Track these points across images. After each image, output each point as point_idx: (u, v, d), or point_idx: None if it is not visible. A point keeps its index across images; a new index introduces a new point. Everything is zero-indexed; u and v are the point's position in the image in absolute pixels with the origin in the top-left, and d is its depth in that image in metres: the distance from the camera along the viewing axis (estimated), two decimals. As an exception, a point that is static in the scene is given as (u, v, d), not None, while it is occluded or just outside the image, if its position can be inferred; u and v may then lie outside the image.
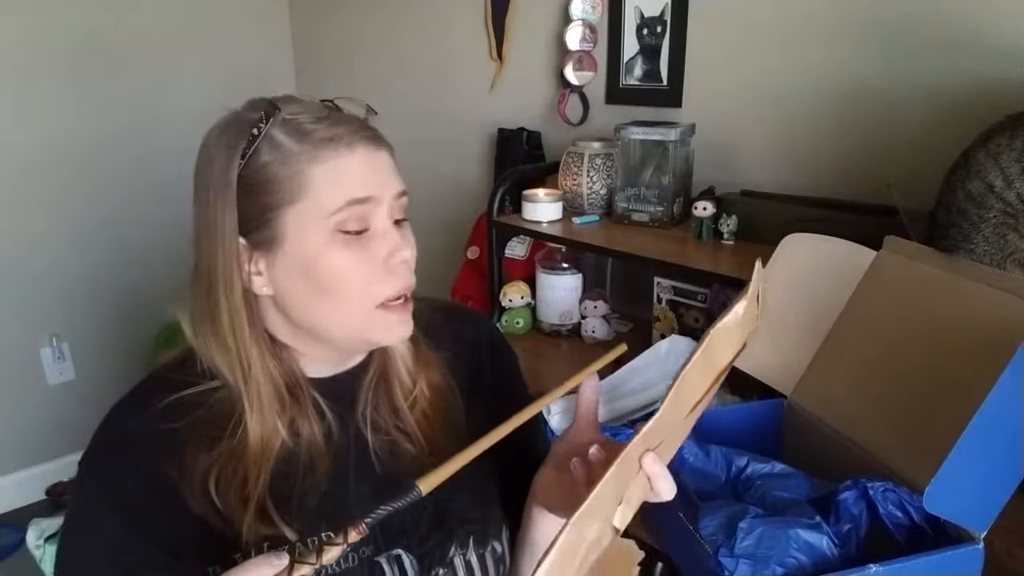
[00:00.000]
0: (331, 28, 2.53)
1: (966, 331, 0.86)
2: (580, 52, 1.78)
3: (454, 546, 0.73)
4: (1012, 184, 0.93)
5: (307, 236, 0.65)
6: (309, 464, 0.69)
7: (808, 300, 1.07)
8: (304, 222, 0.65)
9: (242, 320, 0.67)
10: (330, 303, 0.66)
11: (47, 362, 2.41)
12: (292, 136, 0.65)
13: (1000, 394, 0.76)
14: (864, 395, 0.95)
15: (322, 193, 0.64)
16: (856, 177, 1.41)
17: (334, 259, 0.65)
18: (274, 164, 0.64)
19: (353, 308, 0.67)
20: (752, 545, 0.78)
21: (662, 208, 1.53)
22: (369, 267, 0.66)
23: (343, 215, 0.65)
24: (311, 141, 0.65)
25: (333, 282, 0.66)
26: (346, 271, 0.65)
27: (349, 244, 0.66)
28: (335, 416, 0.71)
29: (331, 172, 0.65)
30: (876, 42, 1.36)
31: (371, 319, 0.67)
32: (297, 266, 0.65)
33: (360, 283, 0.66)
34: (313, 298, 0.66)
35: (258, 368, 0.67)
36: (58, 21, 2.24)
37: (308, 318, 0.68)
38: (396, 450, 0.73)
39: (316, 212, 0.64)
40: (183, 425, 0.67)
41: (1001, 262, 0.95)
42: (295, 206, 0.64)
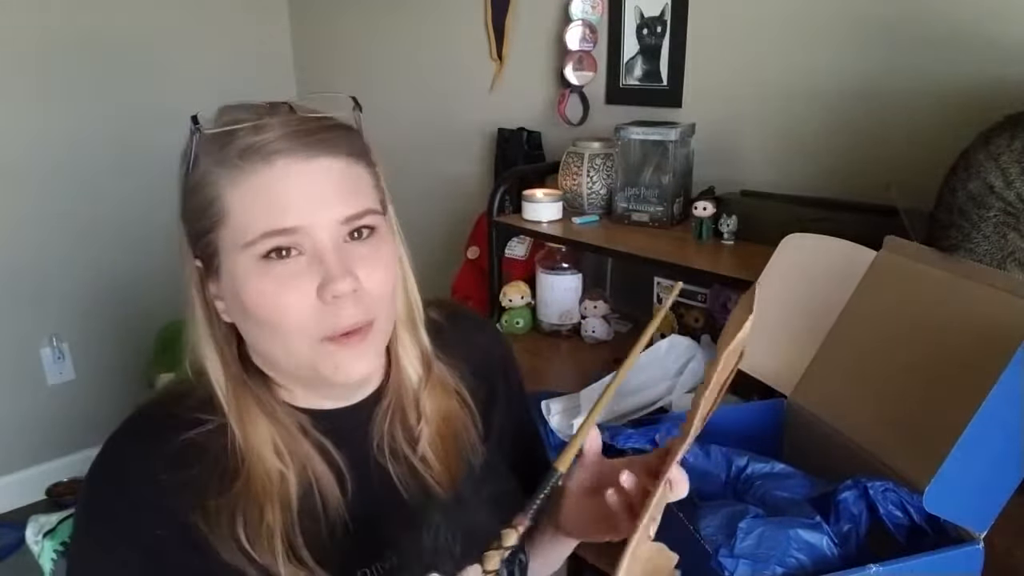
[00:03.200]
0: (331, 28, 2.53)
1: (966, 331, 0.86)
2: (580, 52, 1.78)
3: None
4: (1012, 184, 0.93)
5: (233, 264, 0.58)
6: (326, 504, 0.64)
7: (808, 300, 1.07)
8: (228, 250, 0.59)
9: (212, 350, 0.62)
10: (268, 334, 0.59)
11: (47, 362, 2.41)
12: (215, 152, 0.58)
13: (1000, 394, 0.76)
14: (864, 395, 0.95)
15: (237, 221, 0.57)
16: (856, 177, 1.41)
17: (259, 289, 0.57)
18: (203, 184, 0.59)
19: (291, 341, 0.59)
20: (752, 545, 0.78)
21: (662, 208, 1.53)
22: (301, 298, 0.58)
23: (260, 247, 0.57)
24: (228, 157, 0.57)
25: (264, 313, 0.58)
26: (274, 303, 0.57)
27: (276, 274, 0.57)
28: (347, 450, 0.66)
29: (247, 196, 0.57)
30: (876, 42, 1.36)
31: (317, 353, 0.59)
32: (232, 295, 0.60)
33: (294, 314, 0.58)
34: (252, 328, 0.60)
35: (241, 401, 0.62)
36: (58, 21, 2.24)
37: (260, 348, 0.62)
38: (417, 475, 0.69)
39: (234, 241, 0.58)
40: (200, 470, 0.61)
41: (1001, 262, 0.96)
42: (221, 232, 0.59)
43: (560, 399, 1.24)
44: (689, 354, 1.31)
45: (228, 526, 0.60)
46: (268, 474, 0.61)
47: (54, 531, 0.81)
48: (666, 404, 1.22)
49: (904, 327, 0.94)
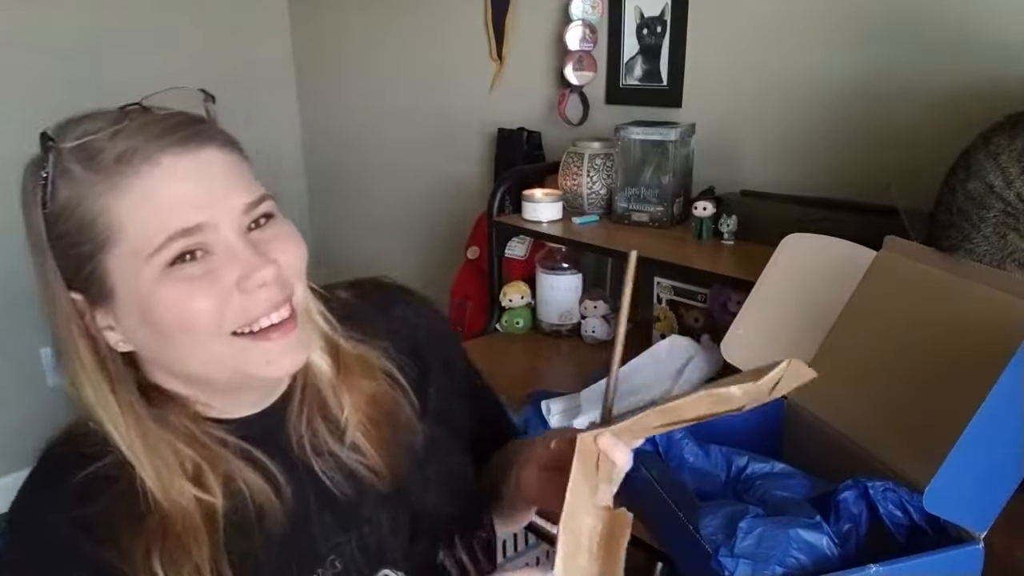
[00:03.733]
0: (331, 28, 2.53)
1: (966, 331, 0.86)
2: (580, 52, 1.78)
3: (441, 548, 0.69)
4: (1012, 184, 0.93)
5: (135, 281, 0.54)
6: (260, 513, 0.61)
7: (808, 300, 1.07)
8: (126, 267, 0.54)
9: (103, 388, 0.58)
10: (186, 346, 0.56)
11: (46, 362, 2.41)
12: (82, 164, 0.53)
13: (1000, 394, 0.76)
14: (864, 395, 0.95)
15: (134, 231, 0.53)
16: (856, 177, 1.41)
17: (172, 298, 0.54)
18: (74, 204, 0.53)
19: (211, 344, 0.56)
20: (752, 545, 0.78)
21: (662, 208, 1.53)
22: (217, 295, 0.55)
23: (167, 252, 0.53)
24: (103, 166, 0.53)
25: (179, 323, 0.55)
26: (190, 308, 0.54)
27: (187, 276, 0.54)
28: (271, 455, 0.63)
29: (136, 203, 0.53)
30: (876, 42, 1.36)
31: (239, 351, 0.57)
32: (136, 313, 0.55)
33: (211, 316, 0.55)
34: (166, 343, 0.56)
35: (141, 436, 0.58)
36: (56, 20, 2.24)
37: (175, 365, 0.59)
38: (351, 470, 0.66)
39: (135, 254, 0.53)
40: (104, 506, 0.58)
41: (1001, 262, 0.96)
42: (111, 251, 0.54)
43: (560, 399, 1.24)
44: (689, 354, 1.31)
45: (143, 561, 0.56)
46: (186, 510, 0.58)
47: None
48: (666, 404, 1.22)
49: (904, 327, 0.94)
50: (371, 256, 2.61)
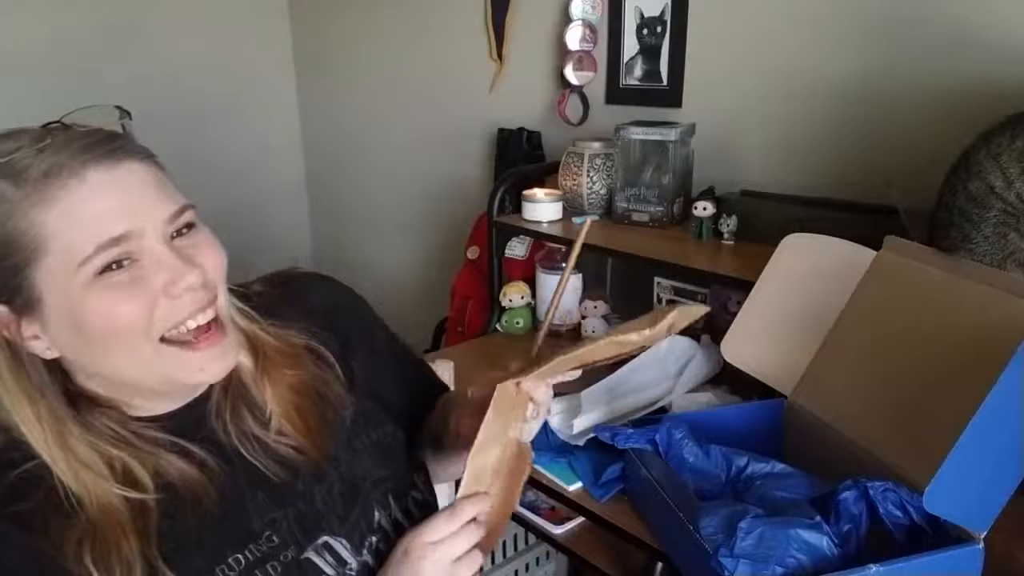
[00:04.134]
0: (331, 28, 2.53)
1: (966, 331, 0.86)
2: (580, 52, 1.78)
3: (377, 510, 0.73)
4: (1012, 184, 0.93)
5: (65, 290, 0.56)
6: (194, 499, 0.64)
7: (808, 300, 1.07)
8: (56, 277, 0.56)
9: (19, 396, 0.59)
10: (115, 352, 0.59)
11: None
12: (8, 181, 0.55)
13: (1000, 394, 0.76)
14: (864, 395, 0.95)
15: (63, 242, 0.55)
16: (856, 177, 1.41)
17: (101, 305, 0.57)
18: (2, 220, 0.55)
19: (140, 350, 0.59)
20: (752, 545, 0.78)
21: (662, 208, 1.53)
22: (145, 300, 0.58)
23: (97, 261, 0.56)
24: (29, 182, 0.55)
25: (108, 329, 0.57)
26: (118, 314, 0.57)
27: (115, 284, 0.57)
28: (200, 443, 0.66)
29: (65, 215, 0.55)
30: (876, 42, 1.36)
31: (170, 358, 0.60)
32: (65, 322, 0.57)
33: (139, 321, 0.58)
34: (95, 349, 0.59)
35: (60, 442, 0.59)
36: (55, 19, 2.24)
37: (104, 370, 0.61)
38: (279, 453, 0.69)
39: (65, 264, 0.56)
40: (34, 503, 0.59)
41: (1002, 262, 0.96)
42: (40, 262, 0.56)
43: (560, 399, 1.24)
44: (689, 354, 1.31)
45: (74, 555, 0.58)
46: (111, 507, 0.59)
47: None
48: (666, 404, 1.22)
49: (904, 327, 0.94)
50: (371, 256, 2.61)
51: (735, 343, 1.13)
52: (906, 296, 0.97)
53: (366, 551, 0.71)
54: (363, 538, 0.71)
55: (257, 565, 0.65)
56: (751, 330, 1.12)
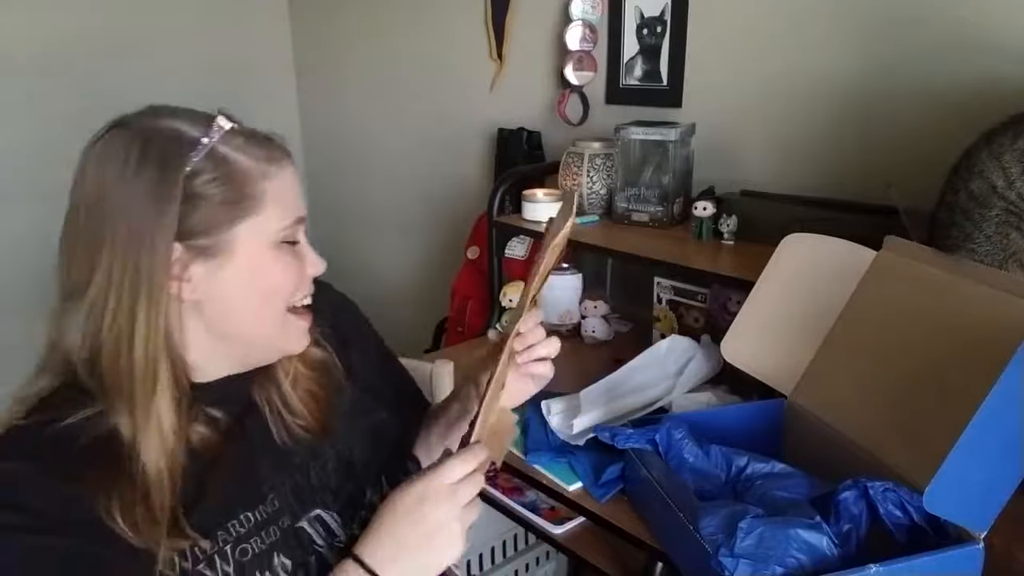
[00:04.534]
0: (331, 27, 2.53)
1: (966, 331, 0.86)
2: (580, 52, 1.78)
3: (368, 489, 0.79)
4: (1014, 184, 0.93)
5: (256, 246, 0.68)
6: (212, 461, 0.69)
7: (808, 300, 1.07)
8: (257, 234, 0.67)
9: (159, 331, 0.64)
10: (256, 307, 0.69)
11: (46, 362, 2.41)
12: (239, 152, 0.67)
13: (1000, 394, 0.76)
14: (864, 395, 0.95)
15: (272, 210, 0.68)
16: (856, 177, 1.41)
17: (274, 269, 0.69)
18: (224, 178, 0.65)
19: (275, 311, 0.71)
20: (752, 545, 0.78)
21: (662, 208, 1.53)
22: (297, 277, 0.72)
23: (287, 232, 0.70)
24: (257, 158, 0.67)
25: (270, 286, 0.70)
26: (280, 280, 0.70)
27: (289, 255, 0.71)
28: (228, 412, 0.73)
29: (278, 189, 0.68)
30: (876, 41, 1.36)
31: (287, 323, 0.72)
32: (245, 273, 0.68)
33: (290, 288, 0.71)
34: (251, 303, 0.69)
35: (164, 381, 0.65)
36: (55, 19, 2.24)
37: (238, 324, 0.70)
38: (291, 428, 0.76)
39: (267, 226, 0.68)
40: (78, 451, 0.63)
41: (1003, 262, 0.96)
42: (249, 219, 0.67)
43: (560, 399, 1.24)
44: (689, 354, 1.31)
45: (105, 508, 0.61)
46: (164, 452, 0.65)
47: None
48: (666, 404, 1.22)
49: (904, 327, 0.94)
50: (371, 256, 2.61)
51: (735, 343, 1.13)
52: (906, 296, 0.96)
53: (356, 526, 0.76)
54: (354, 513, 0.77)
55: (262, 526, 0.71)
56: (751, 330, 1.12)
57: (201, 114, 0.69)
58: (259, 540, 0.70)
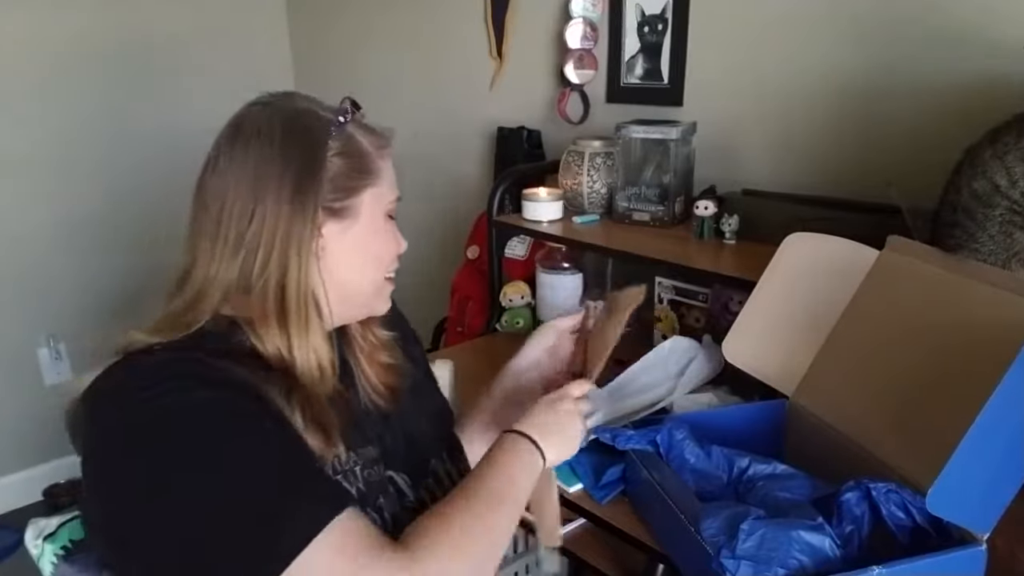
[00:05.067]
0: (330, 27, 2.53)
1: (969, 331, 0.86)
2: (581, 50, 1.78)
3: (432, 458, 0.87)
4: (1017, 183, 0.92)
5: (375, 214, 0.78)
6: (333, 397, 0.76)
7: (810, 300, 1.07)
8: (374, 202, 0.78)
9: (308, 278, 0.73)
10: (361, 269, 0.79)
11: (44, 362, 2.40)
12: (361, 134, 0.78)
13: (1004, 394, 0.76)
14: (866, 395, 0.95)
15: (385, 184, 0.79)
16: (858, 176, 1.41)
17: (385, 237, 0.80)
18: (359, 151, 0.77)
19: (377, 275, 0.80)
20: (754, 546, 0.77)
21: (663, 207, 1.52)
22: (395, 247, 0.82)
23: (392, 206, 0.81)
24: (373, 143, 0.78)
25: (380, 253, 0.80)
26: (388, 247, 0.81)
27: (391, 228, 0.81)
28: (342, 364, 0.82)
29: (387, 169, 0.80)
30: (878, 40, 1.36)
31: (382, 287, 0.82)
32: (363, 236, 0.77)
33: (388, 258, 0.81)
34: (363, 262, 0.79)
35: (315, 321, 0.74)
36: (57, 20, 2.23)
37: (346, 280, 0.77)
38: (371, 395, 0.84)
39: (382, 198, 0.79)
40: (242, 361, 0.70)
41: (1006, 261, 0.95)
42: (369, 190, 0.77)
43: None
44: (690, 355, 1.30)
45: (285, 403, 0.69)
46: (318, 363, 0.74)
47: (54, 535, 0.81)
48: (667, 405, 1.22)
49: (907, 327, 0.94)
50: (371, 255, 2.60)
51: (736, 343, 1.12)
52: (909, 296, 0.96)
53: (423, 490, 0.83)
54: (421, 478, 0.84)
55: (369, 465, 0.78)
56: (753, 330, 1.11)
57: (324, 103, 0.79)
58: (372, 471, 0.78)
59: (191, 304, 0.73)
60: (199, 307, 0.73)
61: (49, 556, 0.80)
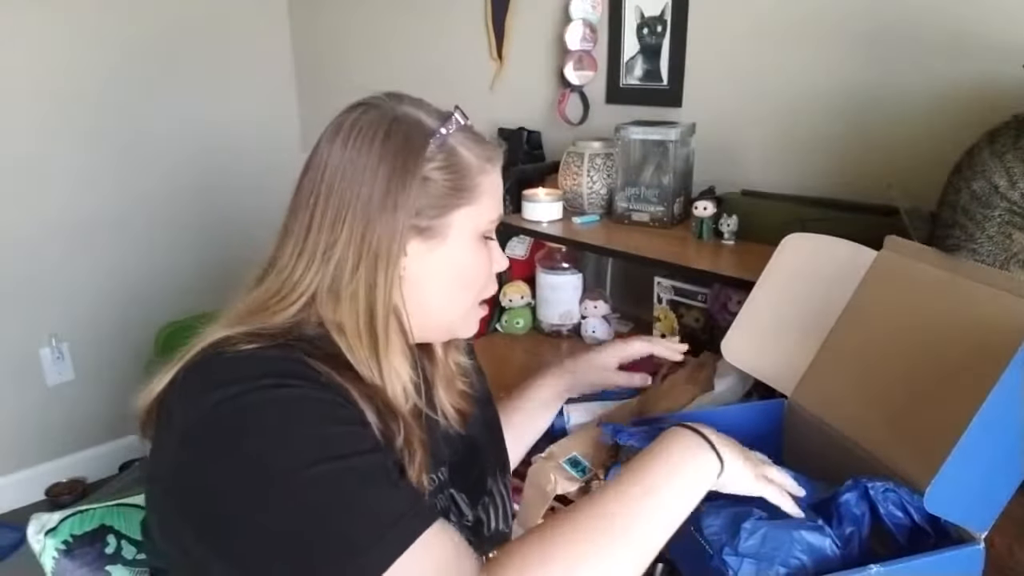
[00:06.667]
0: (331, 28, 2.53)
1: (967, 331, 0.86)
2: (580, 52, 1.78)
3: (488, 477, 0.85)
4: (1016, 184, 0.92)
5: (466, 235, 0.74)
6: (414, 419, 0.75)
7: (809, 300, 1.07)
8: (468, 223, 0.73)
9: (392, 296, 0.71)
10: (449, 292, 0.75)
11: (46, 362, 2.41)
12: (465, 147, 0.74)
13: (1001, 394, 0.76)
14: (865, 395, 0.95)
15: (485, 203, 0.74)
16: (857, 177, 1.41)
17: (476, 259, 0.75)
18: (451, 167, 0.72)
19: (467, 300, 0.77)
20: (756, 545, 0.77)
21: (662, 208, 1.53)
22: (487, 270, 0.77)
23: (491, 226, 0.76)
24: (478, 156, 0.74)
25: (469, 278, 0.76)
26: (479, 271, 0.76)
27: (485, 250, 0.76)
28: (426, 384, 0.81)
29: (489, 186, 0.75)
30: (877, 41, 1.36)
31: (469, 313, 0.78)
32: (450, 258, 0.73)
33: (481, 282, 0.77)
34: (448, 287, 0.75)
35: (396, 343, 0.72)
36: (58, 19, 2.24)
37: (428, 303, 0.74)
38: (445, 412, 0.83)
39: (478, 217, 0.74)
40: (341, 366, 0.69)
41: (1005, 262, 0.95)
42: (463, 209, 0.73)
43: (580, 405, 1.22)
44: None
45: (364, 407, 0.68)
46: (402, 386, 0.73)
47: (56, 529, 0.81)
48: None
49: (905, 327, 0.94)
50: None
51: (735, 343, 1.13)
52: (907, 296, 0.96)
53: (479, 508, 0.82)
54: (479, 497, 0.83)
55: (440, 488, 0.78)
56: (751, 330, 1.12)
57: (435, 108, 0.75)
58: (442, 495, 0.78)
59: (272, 302, 0.71)
60: (281, 306, 0.71)
61: (50, 551, 0.81)
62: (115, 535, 0.82)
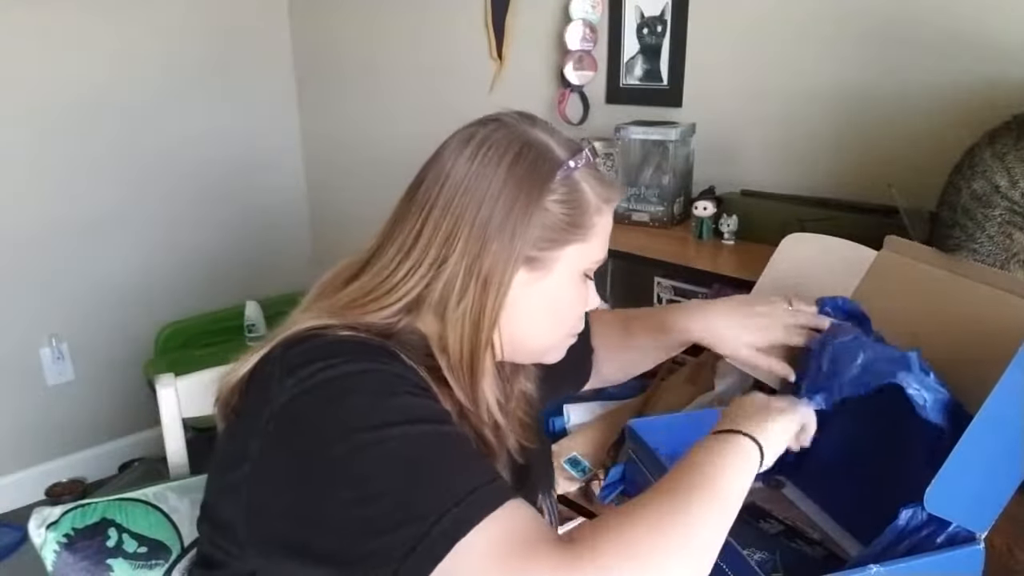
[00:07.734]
0: (331, 27, 2.53)
1: (967, 331, 0.86)
2: (580, 52, 1.78)
3: (540, 494, 0.85)
4: (1017, 184, 0.92)
5: (571, 272, 0.73)
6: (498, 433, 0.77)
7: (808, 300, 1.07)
8: (575, 260, 0.73)
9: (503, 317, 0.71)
10: (550, 328, 0.76)
11: (46, 362, 2.41)
12: (589, 183, 0.72)
13: (1001, 394, 0.76)
14: (865, 395, 0.95)
15: (594, 243, 0.74)
16: (857, 177, 1.41)
17: (575, 297, 0.75)
18: (572, 203, 0.71)
19: (558, 333, 0.77)
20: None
21: (662, 208, 1.53)
22: (582, 309, 0.78)
23: (594, 266, 0.76)
24: (599, 195, 0.73)
25: (564, 313, 0.76)
26: (575, 309, 0.76)
27: (584, 288, 0.76)
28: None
29: (602, 227, 0.75)
30: (877, 41, 1.36)
31: (559, 343, 0.78)
32: (550, 292, 0.73)
33: (572, 321, 0.77)
34: (543, 320, 0.75)
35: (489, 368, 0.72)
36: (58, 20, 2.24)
37: (521, 332, 0.73)
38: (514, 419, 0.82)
39: (586, 256, 0.74)
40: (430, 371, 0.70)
41: (1005, 262, 0.95)
42: (575, 245, 0.72)
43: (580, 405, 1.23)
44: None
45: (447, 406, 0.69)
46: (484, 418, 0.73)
47: (57, 522, 0.82)
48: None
49: (905, 327, 0.94)
50: (371, 256, 2.60)
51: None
52: (907, 296, 0.96)
53: None
54: None
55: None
56: (751, 330, 1.11)
57: (565, 137, 0.74)
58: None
59: (367, 300, 0.71)
60: (376, 305, 0.71)
61: (51, 544, 0.81)
62: (116, 528, 0.83)
